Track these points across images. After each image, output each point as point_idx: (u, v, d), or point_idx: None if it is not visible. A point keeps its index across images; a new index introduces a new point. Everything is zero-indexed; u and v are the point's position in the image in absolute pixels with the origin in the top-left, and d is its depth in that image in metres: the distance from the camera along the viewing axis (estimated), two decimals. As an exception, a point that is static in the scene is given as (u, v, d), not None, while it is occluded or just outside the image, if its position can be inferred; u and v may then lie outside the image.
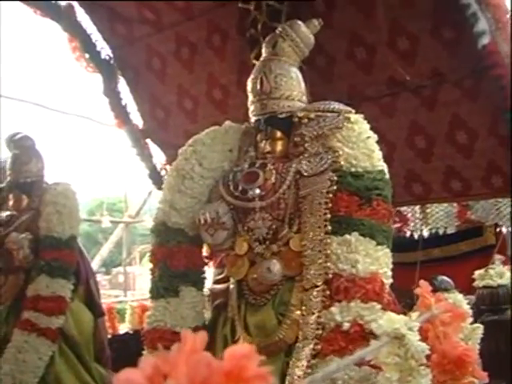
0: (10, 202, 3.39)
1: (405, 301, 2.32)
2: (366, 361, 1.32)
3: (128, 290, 12.50)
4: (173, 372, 0.55)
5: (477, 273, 2.83)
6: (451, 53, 3.40)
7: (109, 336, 3.95)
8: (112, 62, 4.46)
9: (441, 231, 4.48)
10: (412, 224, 4.59)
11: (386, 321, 1.10)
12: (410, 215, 4.61)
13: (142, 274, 14.00)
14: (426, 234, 4.47)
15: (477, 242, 4.21)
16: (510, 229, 4.14)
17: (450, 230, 4.45)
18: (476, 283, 2.79)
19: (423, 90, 3.68)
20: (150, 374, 0.55)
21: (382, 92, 3.81)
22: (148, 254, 2.46)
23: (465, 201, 4.25)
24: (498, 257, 3.90)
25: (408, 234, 4.52)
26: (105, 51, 4.44)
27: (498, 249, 3.99)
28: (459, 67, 3.42)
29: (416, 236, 4.48)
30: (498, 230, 4.16)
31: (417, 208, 4.57)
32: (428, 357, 1.25)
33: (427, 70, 3.57)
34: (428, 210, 4.58)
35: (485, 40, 3.12)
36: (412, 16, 3.45)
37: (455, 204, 4.43)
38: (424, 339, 1.27)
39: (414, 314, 1.24)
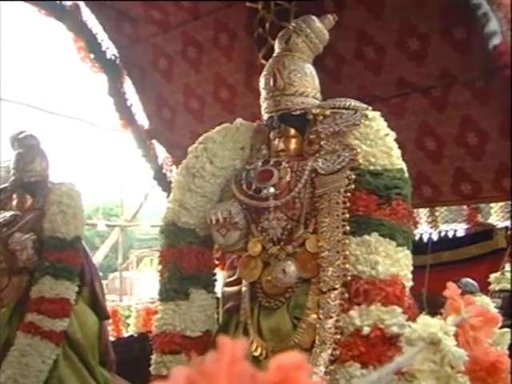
0: (14, 202, 3.32)
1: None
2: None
3: (124, 295, 12.40)
4: (211, 386, 0.47)
5: (492, 276, 2.76)
6: (462, 53, 3.35)
7: (112, 339, 3.89)
8: (118, 61, 4.43)
9: (450, 234, 4.43)
10: (421, 227, 4.53)
11: (421, 325, 1.03)
12: (419, 218, 4.55)
13: (139, 279, 13.95)
14: (435, 237, 4.41)
15: (487, 245, 4.14)
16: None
17: (460, 233, 4.41)
18: (492, 287, 2.73)
19: (433, 91, 3.64)
20: (182, 387, 0.48)
21: (391, 93, 3.77)
22: (144, 259, 2.40)
23: (475, 203, 4.20)
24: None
25: (417, 236, 4.47)
26: (110, 51, 4.40)
27: (510, 252, 3.93)
28: (470, 68, 3.38)
29: (425, 239, 4.42)
30: (508, 232, 4.10)
31: (426, 210, 4.52)
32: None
33: (437, 71, 3.52)
34: (437, 213, 4.53)
35: (496, 40, 3.08)
36: (422, 16, 3.40)
37: (465, 207, 4.38)
38: (453, 344, 1.20)
39: (450, 318, 1.17)
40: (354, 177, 1.93)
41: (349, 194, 1.91)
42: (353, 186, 1.92)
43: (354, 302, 1.79)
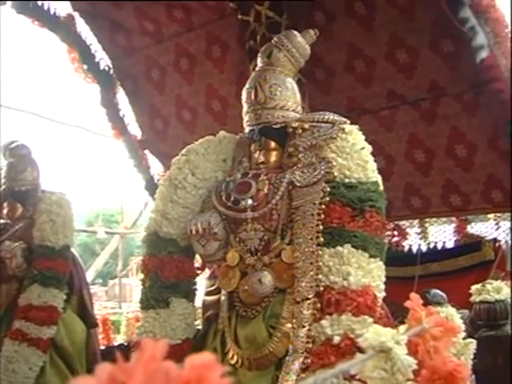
0: (5, 211, 3.36)
1: (402, 315, 2.28)
2: (353, 375, 1.29)
3: (124, 302, 12.39)
4: (129, 381, 0.52)
5: (473, 287, 2.79)
6: (450, 66, 3.39)
7: (103, 347, 3.90)
8: (111, 72, 4.47)
9: (439, 246, 4.45)
10: (410, 238, 4.56)
11: (372, 334, 1.06)
12: (408, 229, 4.58)
13: (138, 286, 13.91)
14: (424, 248, 4.44)
15: (476, 257, 4.17)
16: (509, 243, 4.11)
17: (449, 245, 4.43)
18: (473, 298, 2.75)
19: (422, 104, 3.67)
20: (105, 382, 0.52)
21: (380, 105, 3.80)
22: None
23: (464, 215, 4.23)
24: (503, 274, 3.83)
25: (406, 248, 4.49)
26: (104, 62, 4.45)
27: (497, 263, 3.95)
28: (458, 80, 3.41)
29: (414, 250, 4.44)
30: (496, 244, 4.13)
31: (415, 222, 4.54)
32: (418, 372, 1.21)
33: (426, 83, 3.56)
34: (426, 225, 4.55)
35: (483, 54, 3.11)
36: (411, 29, 3.44)
37: (454, 218, 4.41)
38: (414, 354, 1.23)
39: (402, 327, 1.20)
40: (328, 189, 1.96)
41: (323, 207, 1.94)
42: (327, 199, 1.94)
43: (325, 311, 1.82)
